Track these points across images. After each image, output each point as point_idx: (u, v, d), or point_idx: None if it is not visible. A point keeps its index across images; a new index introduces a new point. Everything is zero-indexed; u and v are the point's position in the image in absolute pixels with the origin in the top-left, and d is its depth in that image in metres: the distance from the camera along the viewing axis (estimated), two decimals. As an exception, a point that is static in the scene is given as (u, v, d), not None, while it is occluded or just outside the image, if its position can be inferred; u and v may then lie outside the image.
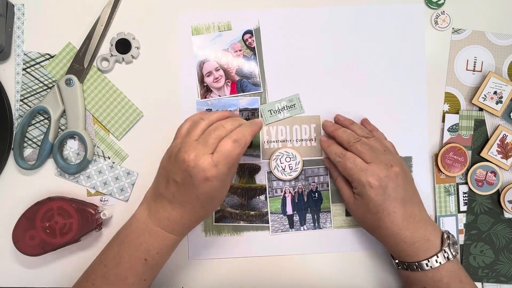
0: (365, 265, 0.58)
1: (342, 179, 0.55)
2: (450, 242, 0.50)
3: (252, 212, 0.58)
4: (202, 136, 0.47)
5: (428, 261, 0.49)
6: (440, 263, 0.49)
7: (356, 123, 0.57)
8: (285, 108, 0.59)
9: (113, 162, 0.58)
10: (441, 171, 0.58)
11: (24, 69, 0.58)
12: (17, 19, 0.58)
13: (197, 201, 0.46)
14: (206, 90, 0.59)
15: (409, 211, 0.50)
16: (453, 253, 0.49)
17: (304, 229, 0.58)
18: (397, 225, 0.49)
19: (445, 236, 0.50)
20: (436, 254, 0.49)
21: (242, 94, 0.59)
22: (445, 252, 0.49)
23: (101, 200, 0.58)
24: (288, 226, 0.58)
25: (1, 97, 0.57)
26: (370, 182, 0.49)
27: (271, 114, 0.59)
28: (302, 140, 0.59)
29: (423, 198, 0.52)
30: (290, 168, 0.54)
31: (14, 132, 0.57)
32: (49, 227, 0.53)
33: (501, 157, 0.57)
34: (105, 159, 0.58)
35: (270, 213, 0.58)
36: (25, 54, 0.58)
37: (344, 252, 0.58)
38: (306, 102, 0.59)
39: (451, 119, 0.58)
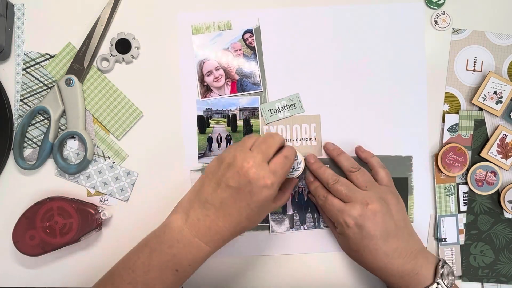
0: (365, 265, 0.58)
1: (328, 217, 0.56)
2: (445, 272, 0.49)
3: (252, 212, 0.58)
4: (255, 145, 0.48)
5: None
6: None
7: (344, 154, 0.56)
8: (285, 107, 0.59)
9: (113, 162, 0.58)
10: (441, 171, 0.58)
11: (24, 69, 0.58)
12: (17, 19, 0.58)
13: (246, 210, 0.46)
14: (206, 90, 0.59)
15: (393, 246, 0.49)
16: (447, 285, 0.48)
17: (304, 229, 0.58)
18: (381, 261, 0.49)
19: (440, 266, 0.49)
20: (428, 287, 0.48)
21: (242, 93, 0.59)
22: (438, 284, 0.48)
23: (101, 200, 0.58)
24: (288, 225, 0.58)
25: (1, 97, 0.57)
26: (346, 222, 0.50)
27: (271, 113, 0.59)
28: (302, 139, 0.59)
29: (423, 198, 0.52)
30: (291, 167, 0.54)
31: (14, 132, 0.57)
32: (49, 227, 0.53)
33: (501, 157, 0.57)
34: (105, 159, 0.58)
35: (270, 212, 0.58)
36: (25, 54, 0.58)
37: (344, 251, 0.58)
38: (306, 101, 0.59)
39: (451, 119, 0.58)
